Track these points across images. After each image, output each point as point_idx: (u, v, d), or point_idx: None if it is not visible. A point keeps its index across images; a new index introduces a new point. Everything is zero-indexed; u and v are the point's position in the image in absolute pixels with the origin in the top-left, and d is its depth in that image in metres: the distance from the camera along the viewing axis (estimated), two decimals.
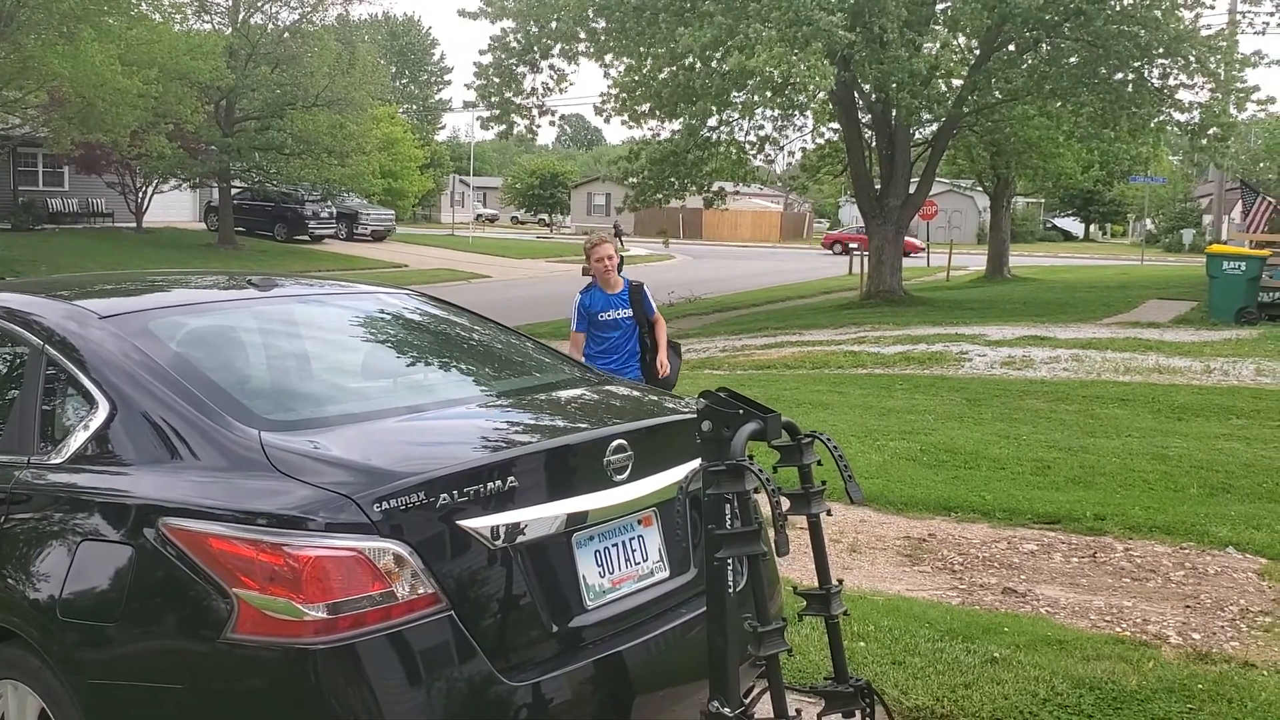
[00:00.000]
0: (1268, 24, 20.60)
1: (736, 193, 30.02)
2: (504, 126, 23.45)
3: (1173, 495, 7.14)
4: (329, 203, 42.28)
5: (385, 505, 2.53)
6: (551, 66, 22.48)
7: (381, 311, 4.07)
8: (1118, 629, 4.95)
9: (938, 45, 19.72)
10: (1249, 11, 21.13)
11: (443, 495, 2.60)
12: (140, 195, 36.50)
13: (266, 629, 2.46)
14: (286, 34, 36.03)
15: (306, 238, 41.45)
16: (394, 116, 54.06)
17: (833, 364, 14.11)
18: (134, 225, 36.53)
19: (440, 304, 4.25)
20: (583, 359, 6.58)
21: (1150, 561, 5.90)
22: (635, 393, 3.87)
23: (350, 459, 2.67)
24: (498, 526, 2.69)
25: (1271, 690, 4.22)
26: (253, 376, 3.38)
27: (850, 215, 50.92)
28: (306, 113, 34.40)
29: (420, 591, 2.55)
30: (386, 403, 3.35)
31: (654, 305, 7.34)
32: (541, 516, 2.79)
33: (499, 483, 2.71)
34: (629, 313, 7.13)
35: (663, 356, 7.18)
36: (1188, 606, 5.25)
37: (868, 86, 21.04)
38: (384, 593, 2.51)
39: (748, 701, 2.94)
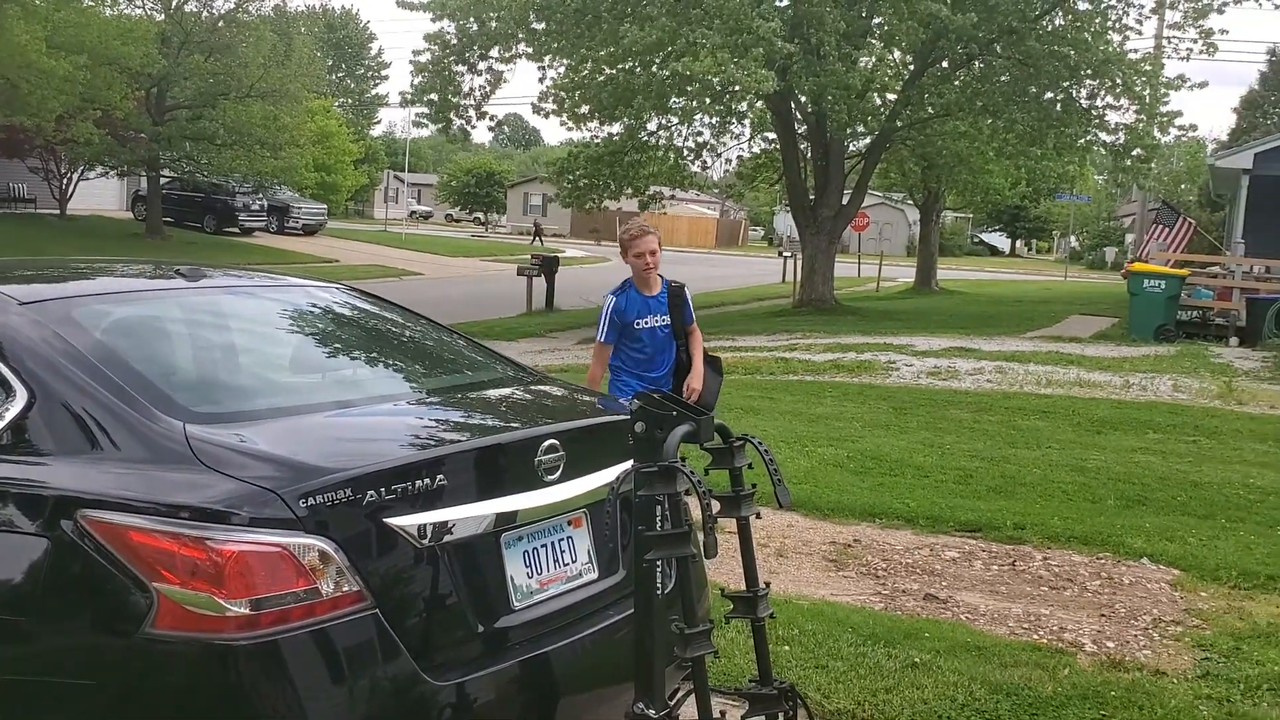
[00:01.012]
0: (1191, 50, 21.20)
1: (673, 198, 30.17)
2: (440, 124, 23.30)
3: (1091, 506, 7.31)
4: (260, 195, 41.66)
5: (311, 501, 2.50)
6: (490, 69, 22.38)
7: (312, 305, 4.01)
8: (1035, 636, 5.05)
9: (873, 60, 20.00)
10: (1174, 37, 21.77)
11: (370, 492, 2.58)
12: (65, 181, 35.60)
13: (187, 624, 2.42)
14: (221, 22, 35.38)
15: (236, 230, 40.78)
16: (329, 110, 53.43)
17: (764, 370, 14.21)
18: (57, 212, 35.62)
19: (372, 299, 4.21)
20: (606, 375, 5.83)
21: (1068, 571, 6.03)
22: (569, 392, 3.86)
23: (276, 453, 2.63)
24: (425, 525, 2.67)
25: (1180, 698, 4.34)
26: (179, 368, 3.31)
27: (784, 224, 51.40)
28: (240, 103, 33.78)
29: (345, 589, 2.52)
30: (315, 397, 3.31)
31: (693, 313, 6.11)
32: (470, 516, 2.77)
33: (427, 481, 2.69)
34: (667, 320, 5.89)
35: (695, 379, 5.94)
36: (1103, 615, 5.38)
37: (804, 98, 21.26)
38: (308, 589, 2.48)
39: (673, 703, 2.96)
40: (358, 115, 77.69)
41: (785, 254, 34.00)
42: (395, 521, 2.62)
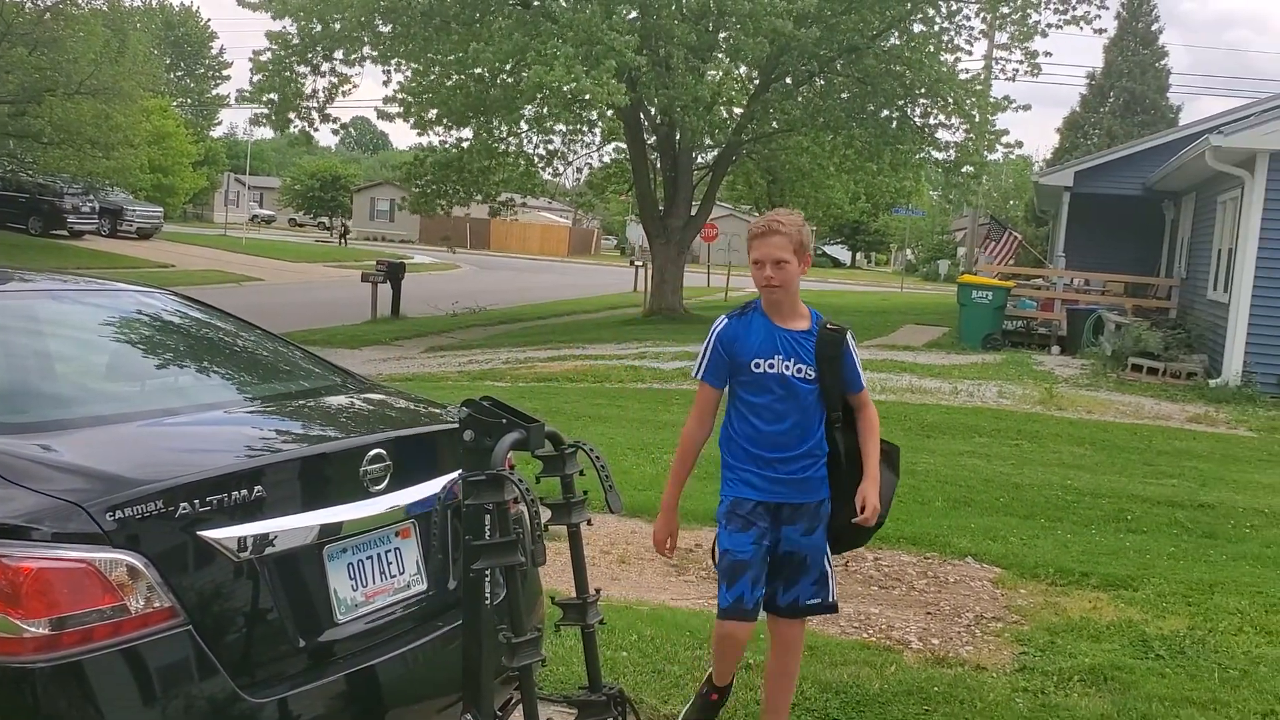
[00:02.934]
0: (1018, 70, 22.30)
1: (524, 205, 30.08)
2: (280, 126, 22.66)
3: (920, 508, 7.58)
4: (91, 197, 39.82)
5: (119, 514, 2.40)
6: (333, 70, 21.91)
7: (138, 311, 3.87)
8: (864, 635, 5.21)
9: (720, 73, 20.38)
10: (1001, 59, 22.86)
11: (183, 504, 2.49)
12: None
13: None
14: (48, 15, 33.63)
15: (65, 233, 38.88)
16: (166, 110, 51.52)
17: (614, 378, 14.29)
18: None
19: (200, 306, 4.09)
20: (704, 432, 3.84)
21: (897, 570, 6.24)
22: (401, 401, 3.81)
23: (83, 464, 2.52)
24: (244, 538, 2.59)
25: (999, 691, 4.54)
26: None
27: (636, 234, 51.84)
28: (69, 100, 32.16)
29: (156, 605, 2.43)
30: (133, 406, 3.19)
31: (860, 371, 3.78)
32: (292, 528, 2.71)
33: (246, 492, 2.61)
34: (811, 371, 3.63)
35: (870, 486, 3.68)
36: (929, 613, 5.58)
37: (654, 109, 21.51)
38: (115, 606, 2.38)
39: (502, 713, 2.95)
40: (197, 116, 74.95)
41: (637, 263, 34.28)
42: (211, 534, 2.54)
